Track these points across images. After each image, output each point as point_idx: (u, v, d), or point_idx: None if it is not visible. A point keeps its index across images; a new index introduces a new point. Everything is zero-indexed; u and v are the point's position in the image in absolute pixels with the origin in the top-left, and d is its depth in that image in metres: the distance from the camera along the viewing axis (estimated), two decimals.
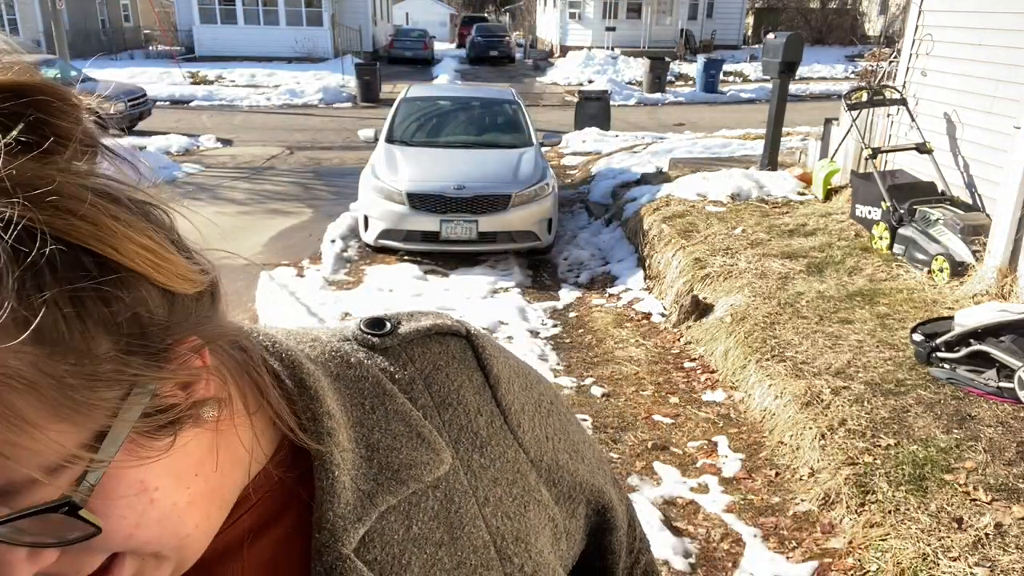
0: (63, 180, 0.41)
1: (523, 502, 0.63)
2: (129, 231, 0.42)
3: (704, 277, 5.51)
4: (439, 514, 0.58)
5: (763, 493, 3.35)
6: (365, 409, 0.59)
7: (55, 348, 0.39)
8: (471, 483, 0.60)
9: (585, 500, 0.74)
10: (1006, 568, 2.56)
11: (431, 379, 0.63)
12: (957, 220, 5.13)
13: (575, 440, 0.73)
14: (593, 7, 28.15)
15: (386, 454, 0.57)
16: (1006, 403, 3.53)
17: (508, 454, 0.64)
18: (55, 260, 0.39)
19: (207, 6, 25.52)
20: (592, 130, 12.85)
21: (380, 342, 0.63)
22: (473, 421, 0.63)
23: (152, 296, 0.44)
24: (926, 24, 6.31)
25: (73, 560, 0.44)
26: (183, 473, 0.48)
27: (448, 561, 0.57)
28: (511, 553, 0.60)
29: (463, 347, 0.65)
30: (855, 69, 21.89)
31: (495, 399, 0.64)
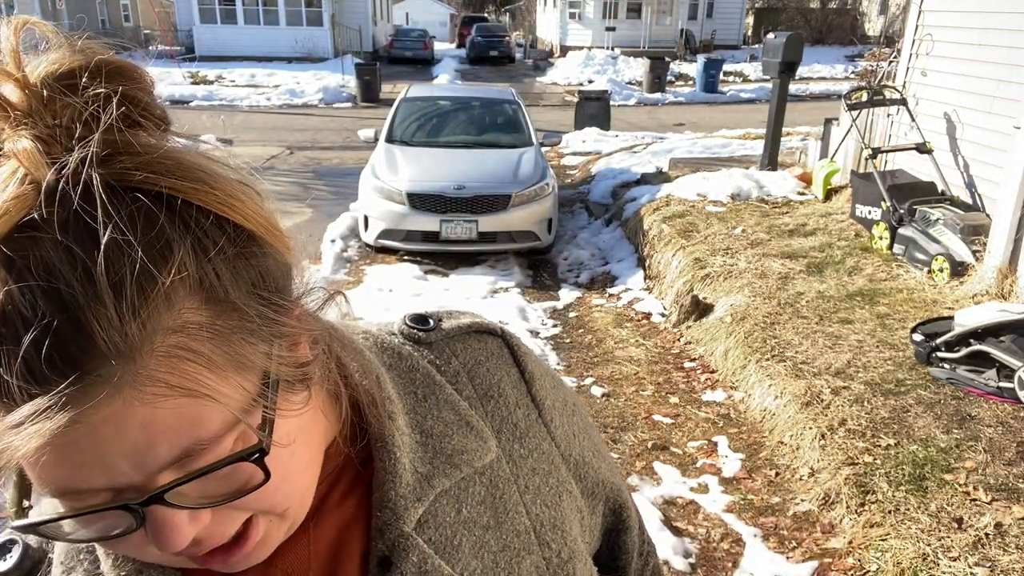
0: (183, 153, 0.44)
1: (558, 492, 0.66)
2: (247, 199, 0.46)
3: (704, 277, 5.51)
4: (485, 499, 0.61)
5: (763, 493, 3.34)
6: (418, 398, 0.62)
7: (221, 306, 0.43)
8: (513, 472, 0.64)
9: (605, 498, 0.77)
10: (1006, 568, 2.56)
11: (474, 372, 0.66)
12: (957, 220, 5.13)
13: (595, 440, 0.77)
14: (593, 7, 28.15)
15: (439, 440, 0.61)
16: (1006, 403, 3.53)
17: (543, 446, 0.67)
18: (208, 226, 0.43)
19: (207, 6, 25.51)
20: (592, 130, 12.84)
21: (425, 336, 0.67)
22: (513, 413, 0.66)
23: (273, 259, 0.47)
24: (926, 24, 6.31)
25: (221, 521, 0.47)
26: (305, 432, 0.51)
27: (494, 544, 0.60)
28: (549, 539, 0.63)
29: (499, 344, 0.69)
30: (855, 69, 21.89)
31: (530, 394, 0.68)
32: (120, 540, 0.45)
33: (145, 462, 0.41)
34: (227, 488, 0.45)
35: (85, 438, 0.40)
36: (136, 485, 0.42)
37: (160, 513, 0.43)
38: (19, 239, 0.39)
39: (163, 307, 0.40)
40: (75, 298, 0.38)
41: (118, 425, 0.40)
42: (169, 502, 0.43)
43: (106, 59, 0.44)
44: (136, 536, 0.44)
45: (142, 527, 0.43)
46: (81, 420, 0.39)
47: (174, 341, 0.41)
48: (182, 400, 0.41)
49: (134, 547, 0.46)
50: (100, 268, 0.38)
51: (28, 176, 0.39)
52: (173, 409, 0.41)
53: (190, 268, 0.41)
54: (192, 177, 0.43)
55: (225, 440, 0.43)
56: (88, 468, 0.41)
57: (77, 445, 0.40)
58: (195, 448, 0.42)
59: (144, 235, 0.40)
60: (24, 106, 0.41)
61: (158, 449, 0.41)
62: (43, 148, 0.40)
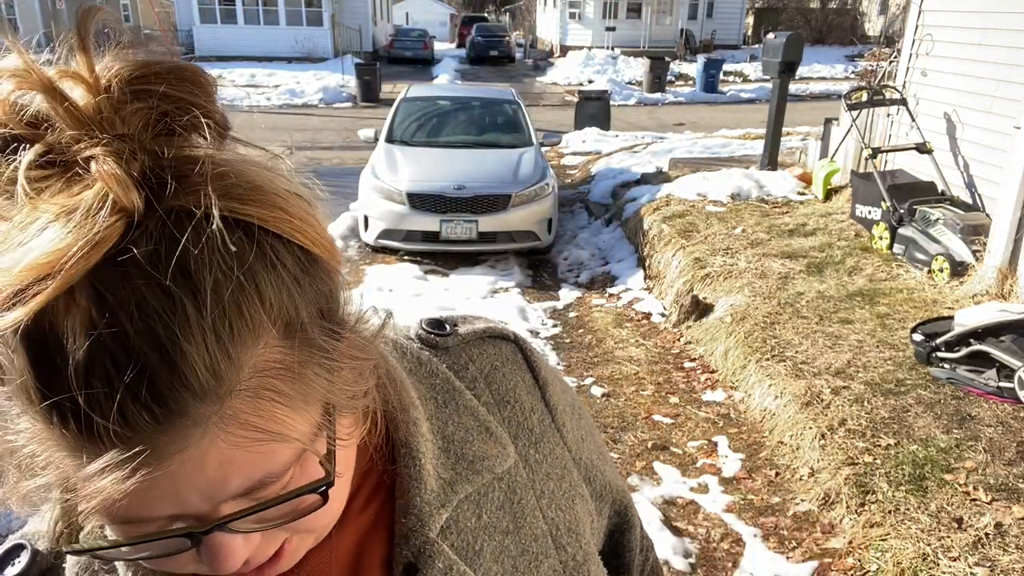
0: (258, 173, 0.42)
1: (571, 496, 0.67)
2: (315, 222, 0.44)
3: (704, 277, 5.51)
4: (504, 504, 0.61)
5: (763, 493, 3.34)
6: (438, 403, 0.62)
7: (298, 340, 0.42)
8: (529, 477, 0.64)
9: (611, 500, 0.78)
10: (1006, 568, 2.56)
11: (491, 378, 0.66)
12: (957, 220, 5.13)
13: (599, 443, 0.78)
14: (593, 7, 28.15)
15: (460, 446, 0.61)
16: (1006, 403, 3.53)
17: (557, 451, 0.68)
18: (285, 256, 0.41)
19: (207, 6, 25.51)
20: (592, 130, 12.84)
21: (442, 341, 0.67)
22: (528, 419, 0.67)
23: (333, 282, 0.46)
24: (926, 24, 6.31)
25: (268, 541, 0.47)
26: (349, 450, 0.51)
27: (514, 548, 0.60)
28: (565, 543, 0.64)
29: (513, 350, 0.70)
30: (855, 69, 21.89)
31: (544, 399, 0.69)
32: (169, 561, 0.44)
33: (216, 495, 0.41)
34: (283, 512, 0.45)
35: (164, 476, 0.39)
36: (201, 515, 0.42)
37: (219, 538, 0.43)
38: (108, 272, 0.36)
39: (251, 345, 0.39)
40: (171, 339, 0.36)
41: (198, 463, 0.39)
42: (231, 529, 0.43)
43: (174, 62, 0.43)
44: (187, 556, 0.44)
45: (196, 547, 0.43)
46: (164, 459, 0.38)
47: (259, 380, 0.40)
48: (263, 439, 0.40)
49: (181, 565, 0.45)
50: (199, 304, 0.37)
51: (118, 204, 0.37)
52: (252, 448, 0.40)
53: (275, 303, 0.40)
54: (270, 203, 0.41)
55: (291, 470, 0.43)
56: (158, 500, 0.40)
57: (155, 482, 0.39)
58: (266, 481, 0.42)
59: (235, 270, 0.38)
60: (95, 113, 0.39)
61: (231, 484, 0.41)
62: (126, 168, 0.38)
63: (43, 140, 0.38)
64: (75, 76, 0.40)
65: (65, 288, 0.35)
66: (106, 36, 0.41)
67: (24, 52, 0.38)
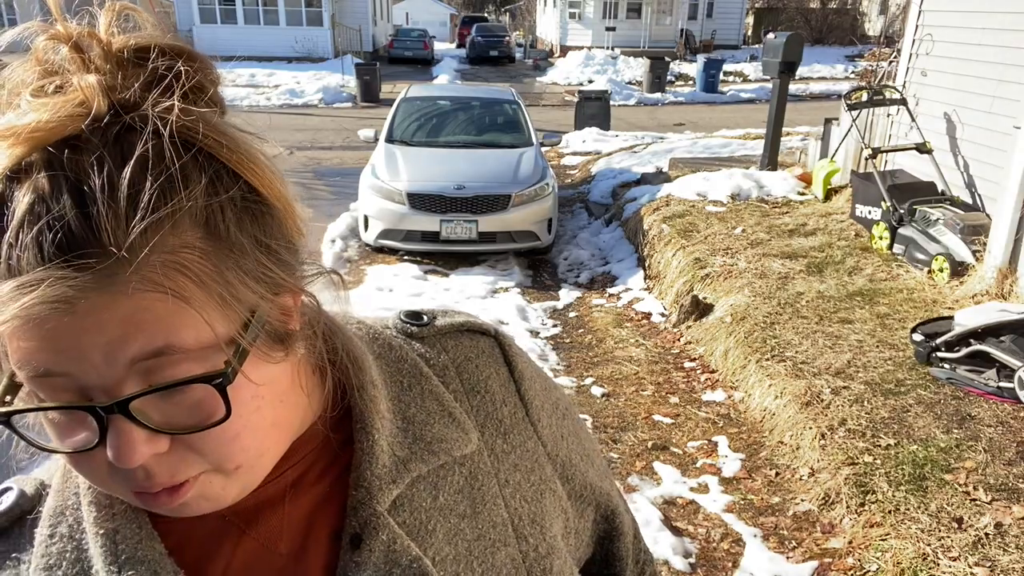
0: (232, 131, 0.49)
1: (540, 490, 0.68)
2: (274, 177, 0.51)
3: (704, 277, 5.51)
4: (463, 489, 0.62)
5: (763, 493, 3.34)
6: (403, 386, 0.64)
7: (222, 243, 0.47)
8: (494, 465, 0.65)
9: (595, 504, 0.77)
10: (1006, 568, 2.56)
11: (462, 368, 0.68)
12: (957, 220, 5.13)
13: (586, 446, 0.78)
14: (593, 7, 28.15)
15: (420, 428, 0.63)
16: (1006, 403, 3.53)
17: (528, 444, 0.68)
18: (226, 177, 0.48)
19: (207, 6, 25.51)
20: (592, 130, 12.84)
21: (418, 331, 0.70)
22: (498, 409, 0.68)
23: (282, 232, 0.52)
24: (926, 24, 6.31)
25: (175, 461, 0.49)
26: (276, 393, 0.53)
27: (469, 533, 0.61)
28: (527, 533, 0.65)
29: (491, 344, 0.71)
30: (855, 69, 21.89)
31: (519, 393, 0.70)
32: (86, 459, 0.48)
33: (116, 356, 0.44)
34: (188, 420, 0.47)
35: (68, 324, 0.43)
36: (104, 387, 0.45)
37: (121, 425, 0.46)
38: (62, 147, 0.44)
39: (167, 225, 0.45)
40: (93, 197, 0.43)
41: (101, 316, 0.43)
42: (131, 414, 0.45)
43: (180, 45, 0.50)
44: (100, 456, 0.47)
45: (104, 443, 0.46)
46: (71, 302, 0.43)
47: (171, 256, 0.45)
48: (165, 300, 0.44)
49: (97, 469, 0.48)
50: (123, 179, 0.44)
51: (85, 103, 0.45)
52: (153, 308, 0.44)
53: (198, 201, 0.46)
54: (226, 139, 0.48)
55: (194, 364, 0.46)
56: (64, 354, 0.44)
57: (58, 330, 0.43)
58: (166, 352, 0.45)
59: (168, 166, 0.45)
60: (102, 64, 0.47)
61: (131, 344, 0.44)
62: (105, 87, 0.46)
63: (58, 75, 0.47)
64: (95, 38, 0.48)
65: (28, 152, 0.44)
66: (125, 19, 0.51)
67: (60, 12, 0.48)
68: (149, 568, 0.54)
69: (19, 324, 0.43)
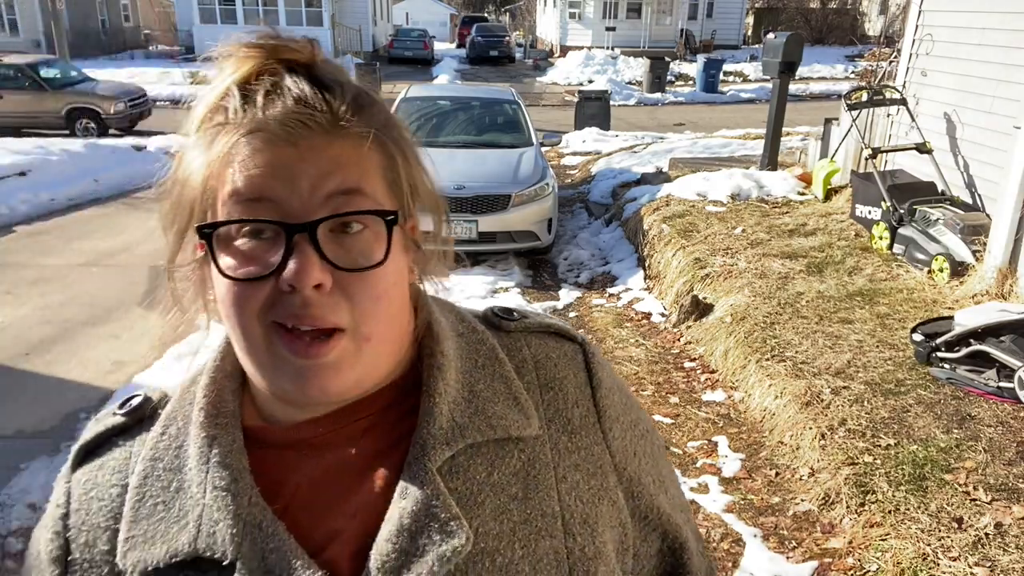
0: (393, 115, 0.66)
1: (598, 495, 0.69)
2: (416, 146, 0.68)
3: (704, 277, 5.51)
4: (519, 472, 0.65)
5: (763, 493, 3.34)
6: (476, 364, 0.69)
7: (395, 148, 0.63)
8: (554, 459, 0.67)
9: (662, 532, 0.77)
10: (1006, 568, 2.56)
11: (541, 364, 0.72)
12: (957, 220, 5.13)
13: (663, 472, 0.79)
14: (593, 7, 28.14)
15: (483, 402, 0.67)
16: (1006, 403, 3.53)
17: (594, 449, 0.70)
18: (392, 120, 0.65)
19: (207, 6, 25.51)
20: (592, 130, 12.84)
21: (504, 324, 0.74)
22: (569, 409, 0.70)
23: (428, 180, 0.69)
24: (926, 24, 6.31)
25: (331, 301, 0.58)
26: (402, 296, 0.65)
27: (517, 515, 0.64)
28: (576, 532, 0.66)
29: (575, 350, 0.74)
30: (855, 69, 21.89)
31: (594, 399, 0.72)
32: (254, 290, 0.58)
33: (318, 187, 0.57)
34: (353, 260, 0.59)
35: (290, 154, 0.57)
36: (302, 212, 0.57)
37: (305, 247, 0.56)
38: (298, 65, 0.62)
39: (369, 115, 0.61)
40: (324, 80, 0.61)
41: (316, 152, 0.57)
42: (316, 240, 0.57)
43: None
44: (267, 287, 0.58)
45: (285, 262, 0.56)
46: (296, 139, 0.57)
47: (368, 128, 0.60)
48: (362, 153, 0.59)
49: (261, 300, 0.58)
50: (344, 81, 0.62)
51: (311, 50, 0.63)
52: (354, 155, 0.59)
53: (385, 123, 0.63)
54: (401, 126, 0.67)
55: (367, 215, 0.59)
56: (279, 180, 0.57)
57: (281, 158, 0.57)
58: (355, 191, 0.58)
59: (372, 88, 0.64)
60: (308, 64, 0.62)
61: (333, 179, 0.58)
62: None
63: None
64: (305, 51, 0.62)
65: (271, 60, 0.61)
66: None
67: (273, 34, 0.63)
68: (232, 475, 0.61)
69: (248, 153, 0.57)
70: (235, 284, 0.58)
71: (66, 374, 4.67)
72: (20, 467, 3.67)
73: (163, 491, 0.63)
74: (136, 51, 28.32)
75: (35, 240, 7.53)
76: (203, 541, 0.60)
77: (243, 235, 0.58)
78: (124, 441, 0.68)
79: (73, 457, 0.69)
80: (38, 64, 13.65)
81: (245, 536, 0.60)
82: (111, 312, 5.65)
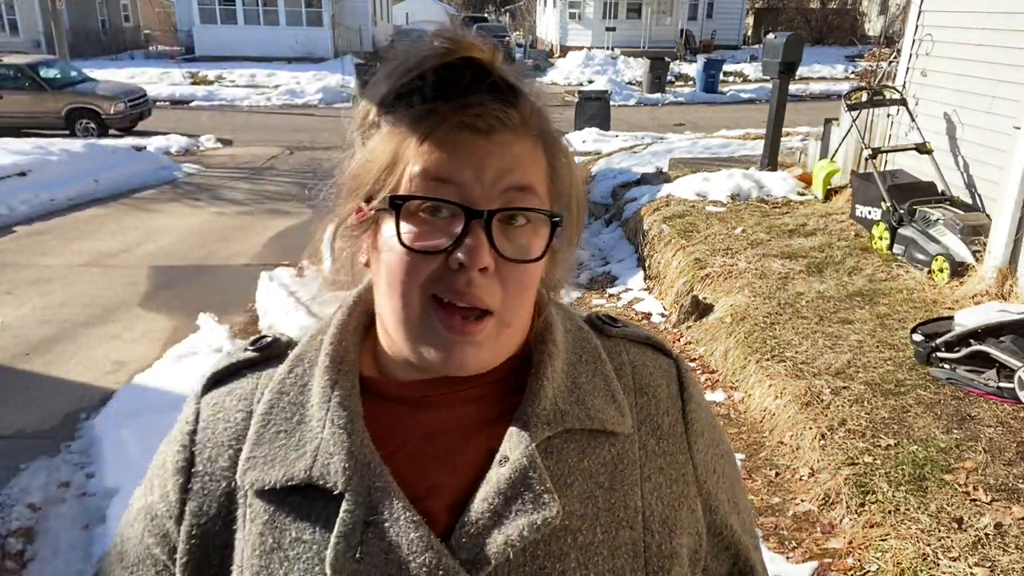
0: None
1: (678, 500, 0.72)
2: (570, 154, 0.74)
3: (704, 277, 5.51)
4: (608, 464, 0.69)
5: (763, 493, 3.34)
6: (580, 359, 0.74)
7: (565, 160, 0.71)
8: (641, 458, 0.71)
9: (734, 552, 0.79)
10: (1006, 568, 2.56)
11: (638, 370, 0.76)
12: (957, 220, 5.13)
13: (737, 495, 0.81)
14: (593, 7, 28.14)
15: (584, 394, 0.71)
16: (1006, 403, 3.53)
17: (679, 458, 0.74)
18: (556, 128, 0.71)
19: (207, 6, 25.50)
20: (592, 130, 12.83)
21: (607, 329, 0.79)
22: (659, 416, 0.74)
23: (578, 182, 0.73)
24: (926, 24, 6.31)
25: (490, 283, 0.64)
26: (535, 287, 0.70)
27: (602, 502, 0.68)
28: (655, 529, 0.69)
29: (670, 364, 0.79)
30: (855, 69, 21.88)
31: (683, 412, 0.76)
32: (427, 261, 0.63)
33: (500, 179, 0.63)
34: (515, 251, 0.64)
35: (482, 145, 0.63)
36: (482, 199, 0.63)
37: (479, 231, 0.62)
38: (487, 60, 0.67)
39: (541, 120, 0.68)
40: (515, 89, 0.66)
41: (505, 147, 0.64)
42: (489, 226, 0.63)
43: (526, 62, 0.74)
44: (437, 261, 0.63)
45: (461, 241, 0.62)
46: (491, 130, 0.63)
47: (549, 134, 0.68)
48: (539, 155, 0.67)
49: (431, 270, 0.64)
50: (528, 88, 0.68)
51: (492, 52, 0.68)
52: (533, 156, 0.66)
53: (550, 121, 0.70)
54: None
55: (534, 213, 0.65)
56: (467, 167, 0.63)
57: (473, 146, 0.63)
58: (528, 189, 0.64)
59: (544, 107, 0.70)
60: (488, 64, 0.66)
61: (513, 174, 0.64)
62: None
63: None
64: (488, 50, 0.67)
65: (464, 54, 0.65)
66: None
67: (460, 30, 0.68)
68: (348, 416, 0.67)
69: (444, 137, 0.63)
70: (409, 253, 0.64)
71: (66, 374, 4.67)
72: (20, 467, 3.67)
73: (286, 421, 0.69)
74: (136, 51, 28.32)
75: (35, 240, 7.53)
76: (318, 470, 0.65)
77: (422, 210, 0.64)
78: (251, 373, 0.75)
79: (204, 383, 0.76)
80: (38, 64, 13.66)
81: (355, 472, 0.65)
82: (111, 312, 5.65)
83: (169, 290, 6.12)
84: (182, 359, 4.77)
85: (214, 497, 0.70)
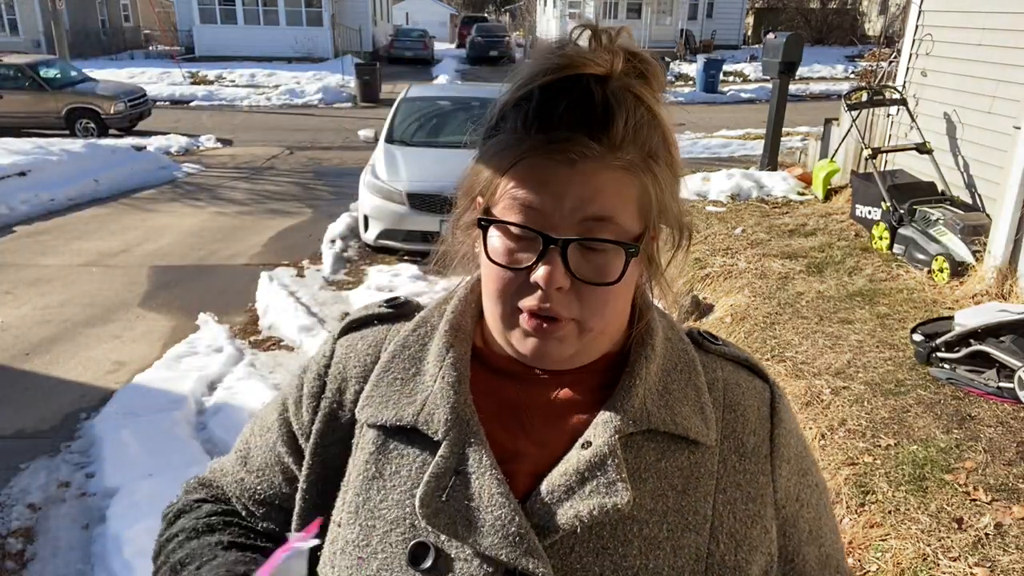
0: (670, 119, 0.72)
1: (752, 518, 0.73)
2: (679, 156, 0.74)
3: (704, 277, 5.51)
4: (684, 469, 0.72)
5: None
6: (675, 367, 0.77)
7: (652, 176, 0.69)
8: (719, 471, 0.73)
9: None
10: (1006, 568, 2.56)
11: (730, 388, 0.78)
12: (957, 220, 5.13)
13: (823, 528, 0.81)
14: (593, 7, 28.14)
15: (673, 400, 0.74)
16: (1006, 403, 3.53)
17: (759, 479, 0.75)
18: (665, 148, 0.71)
19: (207, 6, 25.50)
20: None
21: (706, 345, 0.82)
22: (745, 435, 0.76)
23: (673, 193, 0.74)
24: (926, 24, 6.31)
25: (566, 299, 0.68)
26: (627, 297, 0.74)
27: (672, 502, 0.70)
28: (721, 540, 0.71)
29: (764, 388, 0.81)
30: (855, 69, 21.87)
31: (771, 435, 0.77)
32: (510, 276, 0.69)
33: (579, 208, 0.66)
34: (591, 274, 0.67)
35: (565, 174, 0.66)
36: (559, 226, 0.66)
37: (555, 256, 0.66)
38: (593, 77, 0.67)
39: (643, 138, 0.68)
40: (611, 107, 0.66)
41: (587, 177, 0.66)
42: (565, 252, 0.66)
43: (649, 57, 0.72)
44: (520, 276, 0.68)
45: (538, 263, 0.66)
46: (575, 161, 0.65)
47: (633, 163, 0.67)
48: (621, 187, 0.67)
49: (514, 283, 0.69)
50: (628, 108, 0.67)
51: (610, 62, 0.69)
52: (615, 188, 0.67)
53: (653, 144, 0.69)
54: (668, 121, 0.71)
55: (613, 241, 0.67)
56: (550, 195, 0.66)
57: (558, 176, 0.66)
58: (606, 219, 0.66)
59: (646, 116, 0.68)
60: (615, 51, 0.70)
61: (593, 204, 0.66)
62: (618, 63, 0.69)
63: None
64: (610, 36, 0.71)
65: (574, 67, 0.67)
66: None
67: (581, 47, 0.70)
68: (457, 377, 0.74)
69: (532, 166, 0.66)
70: (494, 266, 0.70)
71: (66, 374, 4.67)
72: (20, 467, 3.67)
73: (404, 371, 0.78)
74: (136, 51, 28.32)
75: (35, 240, 7.53)
76: (423, 417, 0.73)
77: (507, 230, 0.69)
78: (382, 325, 0.84)
79: (342, 327, 0.86)
80: (38, 64, 13.66)
81: (455, 425, 0.72)
82: (111, 312, 5.65)
83: (169, 290, 6.12)
84: (182, 359, 4.77)
85: (338, 423, 0.79)
